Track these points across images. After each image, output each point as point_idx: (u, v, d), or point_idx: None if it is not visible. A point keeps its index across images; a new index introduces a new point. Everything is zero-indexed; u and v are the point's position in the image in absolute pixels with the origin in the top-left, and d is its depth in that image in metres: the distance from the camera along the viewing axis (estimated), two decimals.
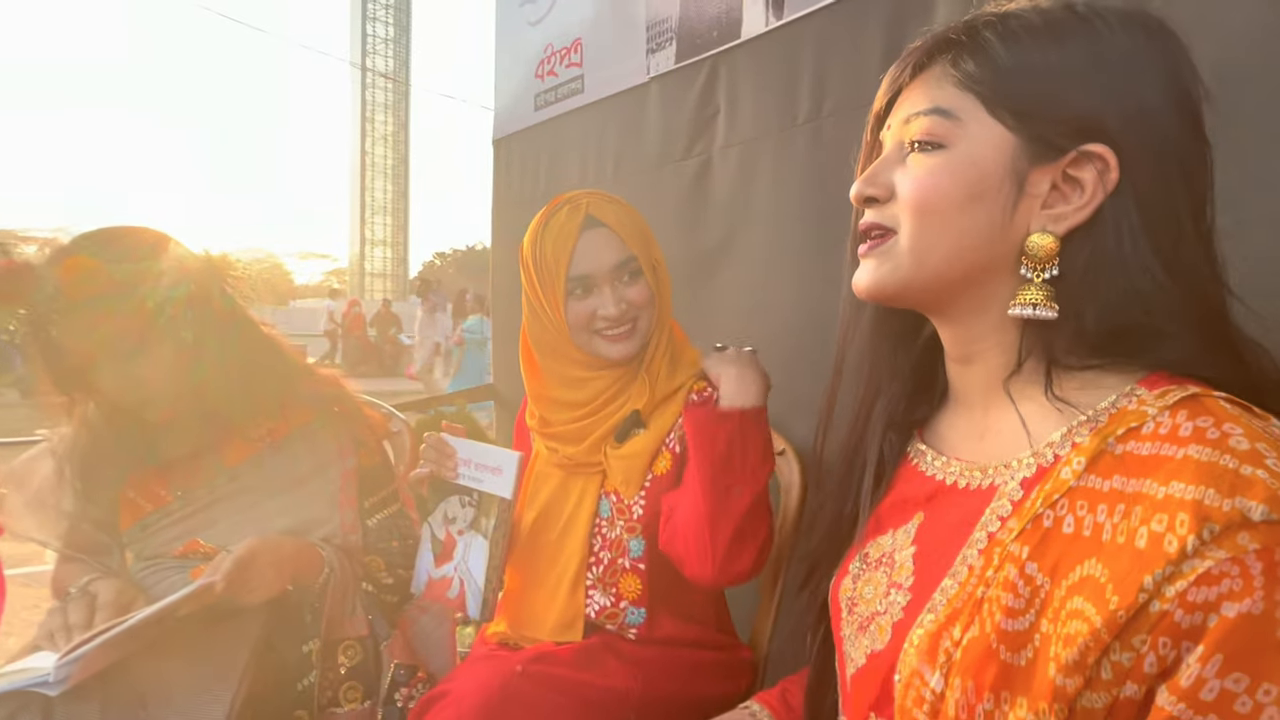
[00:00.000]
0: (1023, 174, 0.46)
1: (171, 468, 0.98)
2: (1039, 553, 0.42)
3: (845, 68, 1.20)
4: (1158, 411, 0.41)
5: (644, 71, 1.58)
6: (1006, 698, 0.41)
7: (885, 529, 0.58)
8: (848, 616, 0.58)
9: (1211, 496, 0.36)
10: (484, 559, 0.90)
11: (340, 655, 0.97)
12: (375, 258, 32.97)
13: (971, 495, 0.51)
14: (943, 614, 0.47)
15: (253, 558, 0.86)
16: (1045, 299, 0.45)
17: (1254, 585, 0.35)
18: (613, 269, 0.88)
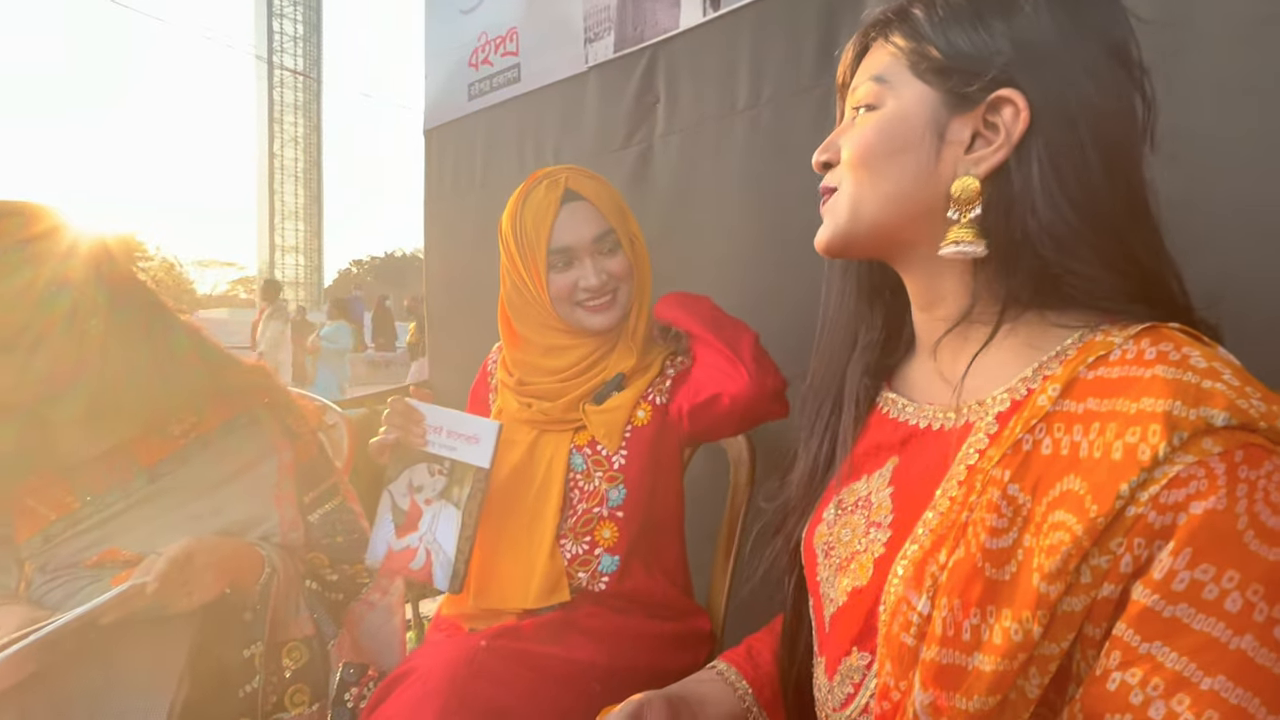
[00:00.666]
0: (943, 124, 0.50)
1: (78, 470, 0.89)
2: (1020, 474, 0.45)
3: (782, 56, 1.24)
4: (1123, 340, 0.45)
5: (582, 61, 1.58)
6: (992, 611, 0.43)
7: (859, 475, 0.60)
8: (824, 560, 0.59)
9: (1179, 408, 0.39)
10: (455, 529, 0.87)
11: (285, 658, 0.91)
12: (287, 265, 31.33)
13: (946, 435, 0.53)
14: (927, 542, 0.48)
15: (189, 558, 0.80)
16: (972, 236, 0.49)
17: (1218, 484, 0.38)
18: (592, 241, 0.91)
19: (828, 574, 0.58)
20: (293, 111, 28.11)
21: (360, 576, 1.04)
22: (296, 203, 29.55)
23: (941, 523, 0.48)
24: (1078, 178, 0.47)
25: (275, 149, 27.95)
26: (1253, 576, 0.37)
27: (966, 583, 0.44)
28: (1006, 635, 0.42)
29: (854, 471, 0.60)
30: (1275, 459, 0.39)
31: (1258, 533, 0.37)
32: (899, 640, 0.47)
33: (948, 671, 0.44)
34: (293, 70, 27.24)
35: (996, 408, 0.50)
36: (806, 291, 1.20)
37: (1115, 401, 0.42)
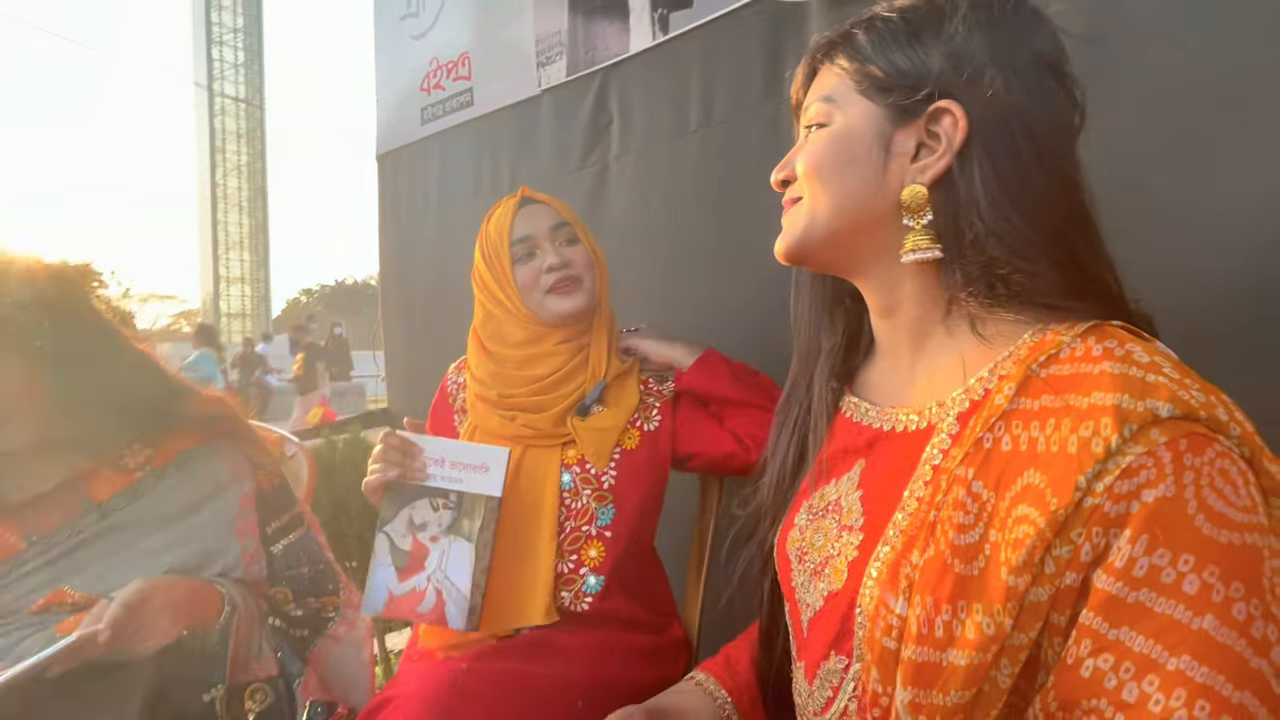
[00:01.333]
0: (888, 137, 0.53)
1: (23, 510, 0.85)
2: (983, 472, 0.46)
3: (731, 78, 1.28)
4: (1071, 339, 0.47)
5: (535, 84, 1.60)
6: (963, 606, 0.45)
7: (829, 479, 0.61)
8: (798, 566, 0.60)
9: (1127, 401, 0.41)
10: (469, 563, 0.84)
11: (248, 700, 0.88)
12: (232, 296, 30.36)
13: (910, 437, 0.55)
14: (899, 543, 0.50)
15: (143, 601, 0.77)
16: (928, 241, 0.52)
17: (1165, 472, 0.40)
18: (550, 229, 0.96)
19: (802, 579, 0.59)
20: (235, 140, 27.41)
21: (325, 610, 1.01)
22: (241, 232, 28.72)
23: (911, 523, 0.50)
24: (1018, 180, 0.49)
25: (218, 178, 27.18)
26: (1207, 559, 0.39)
27: (938, 580, 0.46)
28: (979, 629, 0.43)
29: (824, 476, 0.62)
30: (1216, 446, 0.41)
31: (1207, 516, 0.39)
32: (880, 645, 0.48)
33: (924, 669, 0.45)
34: (234, 98, 26.60)
35: (956, 408, 0.52)
36: (759, 304, 1.24)
37: (1068, 397, 0.44)
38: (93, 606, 0.79)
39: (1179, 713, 0.38)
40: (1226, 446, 0.41)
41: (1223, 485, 0.40)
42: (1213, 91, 0.80)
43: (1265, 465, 0.43)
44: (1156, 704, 0.39)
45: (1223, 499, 0.40)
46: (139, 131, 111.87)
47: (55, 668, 0.71)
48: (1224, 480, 0.40)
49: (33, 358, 0.79)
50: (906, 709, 0.46)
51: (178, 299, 47.44)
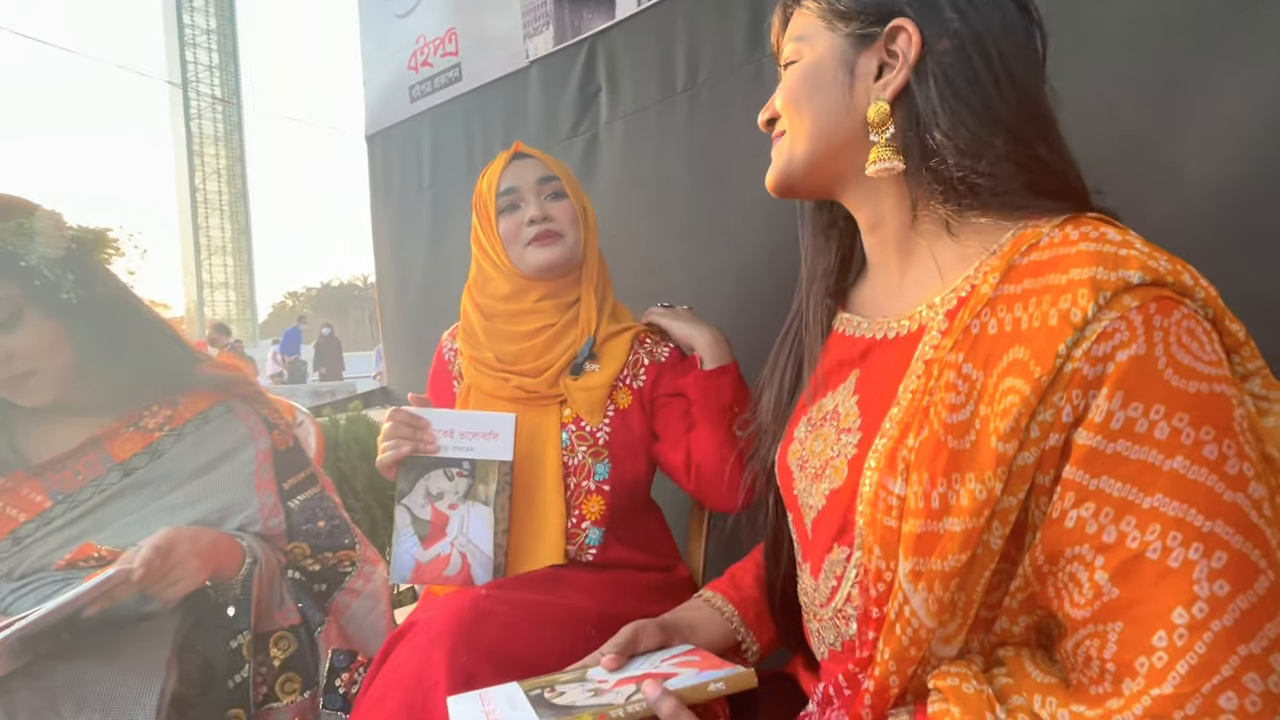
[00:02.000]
0: (851, 61, 0.57)
1: (48, 469, 0.88)
2: (971, 354, 0.50)
3: (715, 37, 1.30)
4: (1050, 229, 0.50)
5: (523, 56, 1.61)
6: (957, 478, 0.48)
7: (825, 392, 0.64)
8: (800, 474, 0.63)
9: (1101, 272, 0.44)
10: (489, 525, 0.87)
11: (273, 648, 0.90)
12: (216, 302, 30.06)
13: (902, 341, 0.58)
14: (895, 432, 0.53)
15: (171, 546, 0.79)
16: (890, 153, 0.55)
17: (1137, 333, 0.43)
18: (536, 182, 0.96)
19: (804, 485, 0.62)
20: (213, 143, 27.06)
21: (343, 565, 1.03)
22: (223, 236, 28.40)
23: (905, 413, 0.53)
24: (971, 88, 0.53)
25: (197, 182, 26.83)
26: (1177, 407, 0.42)
27: (933, 457, 0.49)
28: (972, 496, 0.47)
29: (820, 390, 0.65)
30: (1183, 308, 0.44)
31: (1175, 370, 0.42)
32: (882, 525, 0.51)
33: (924, 539, 0.49)
34: (211, 98, 26.22)
35: (945, 307, 0.55)
36: (748, 260, 1.28)
37: (1048, 277, 0.47)
38: (118, 559, 0.81)
39: (1153, 544, 0.41)
40: (1192, 308, 0.44)
41: (1190, 342, 0.43)
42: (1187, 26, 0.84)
43: (1227, 325, 0.46)
44: (1134, 540, 0.42)
45: (1190, 354, 0.43)
46: (114, 136, 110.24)
47: (90, 608, 0.73)
48: (1191, 338, 0.43)
49: (59, 312, 0.81)
50: (908, 577, 0.49)
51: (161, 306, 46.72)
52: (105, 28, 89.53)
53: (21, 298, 0.80)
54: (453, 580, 0.88)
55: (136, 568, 0.73)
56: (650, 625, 0.68)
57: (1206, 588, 0.40)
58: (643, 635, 0.67)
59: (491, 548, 0.88)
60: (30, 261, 0.79)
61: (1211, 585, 0.40)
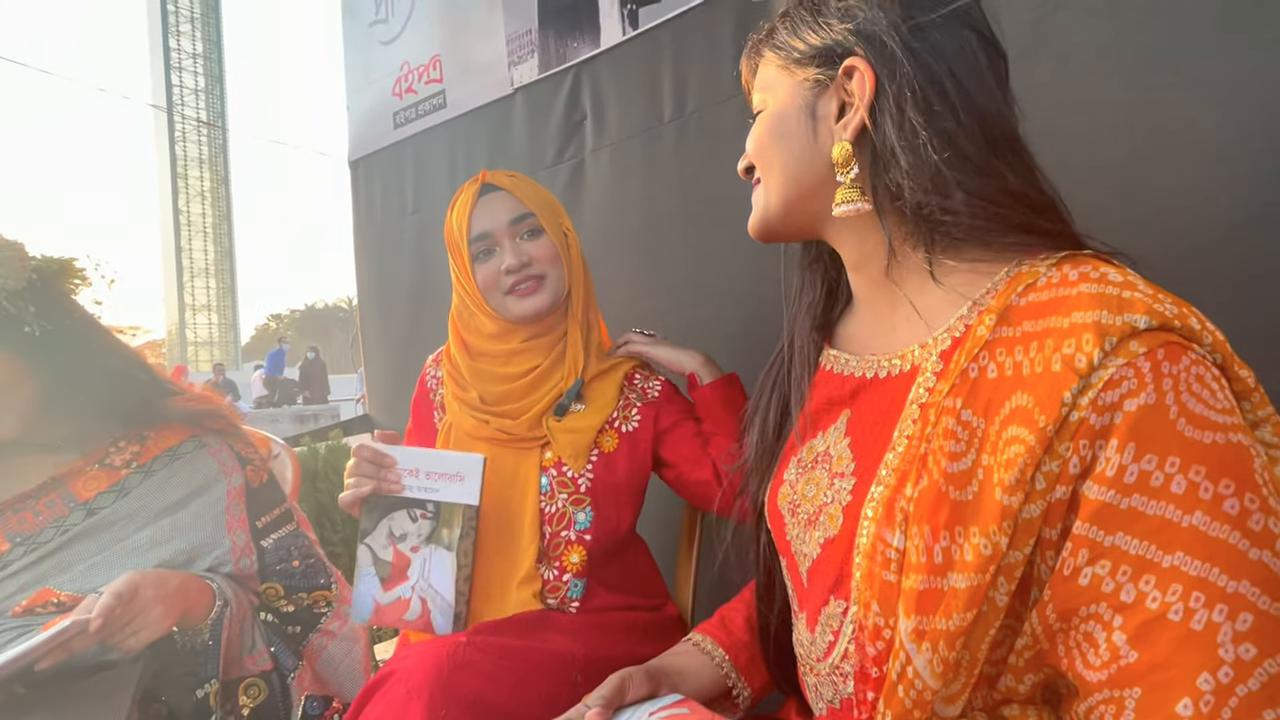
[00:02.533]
0: (811, 105, 0.57)
1: (6, 509, 0.84)
2: (971, 400, 0.48)
3: (702, 68, 1.31)
4: (1047, 269, 0.49)
5: (508, 83, 1.61)
6: (960, 531, 0.46)
7: (815, 433, 0.62)
8: (791, 519, 0.61)
9: (1106, 317, 0.43)
10: (451, 572, 0.83)
11: (242, 695, 0.86)
12: (199, 325, 29.70)
13: (895, 381, 0.56)
14: (892, 480, 0.51)
15: (135, 592, 0.75)
16: (856, 195, 0.54)
17: (1146, 381, 0.41)
18: (509, 224, 0.91)
19: (797, 531, 0.60)
20: (198, 165, 26.95)
21: (318, 606, 1.00)
22: (206, 259, 28.16)
23: (902, 460, 0.51)
24: (928, 123, 0.51)
25: (181, 205, 26.66)
26: (1192, 459, 0.40)
27: (933, 509, 0.46)
28: (976, 551, 0.44)
29: (810, 429, 0.63)
30: (1191, 353, 0.42)
31: (1189, 420, 0.41)
32: (880, 579, 0.49)
33: (927, 596, 0.46)
34: (196, 120, 26.18)
35: (939, 347, 0.53)
36: (735, 290, 1.27)
37: (1049, 320, 0.46)
38: (78, 606, 0.77)
39: (1175, 606, 0.39)
40: (1200, 354, 0.43)
41: (1200, 390, 0.41)
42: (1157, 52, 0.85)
43: (1236, 370, 0.45)
44: (1154, 601, 0.40)
45: (1202, 402, 0.41)
46: (96, 159, 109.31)
47: (44, 661, 0.69)
48: (1201, 385, 0.42)
49: (20, 346, 0.78)
50: (910, 637, 0.46)
51: (141, 329, 46.11)
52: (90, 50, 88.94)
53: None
54: (412, 625, 0.84)
55: (95, 618, 0.70)
56: (638, 673, 0.66)
57: (1232, 651, 0.38)
58: (630, 684, 0.64)
59: (453, 595, 0.83)
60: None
61: (1237, 649, 0.38)
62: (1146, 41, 0.85)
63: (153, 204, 28.00)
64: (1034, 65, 0.90)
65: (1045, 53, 0.92)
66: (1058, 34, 0.92)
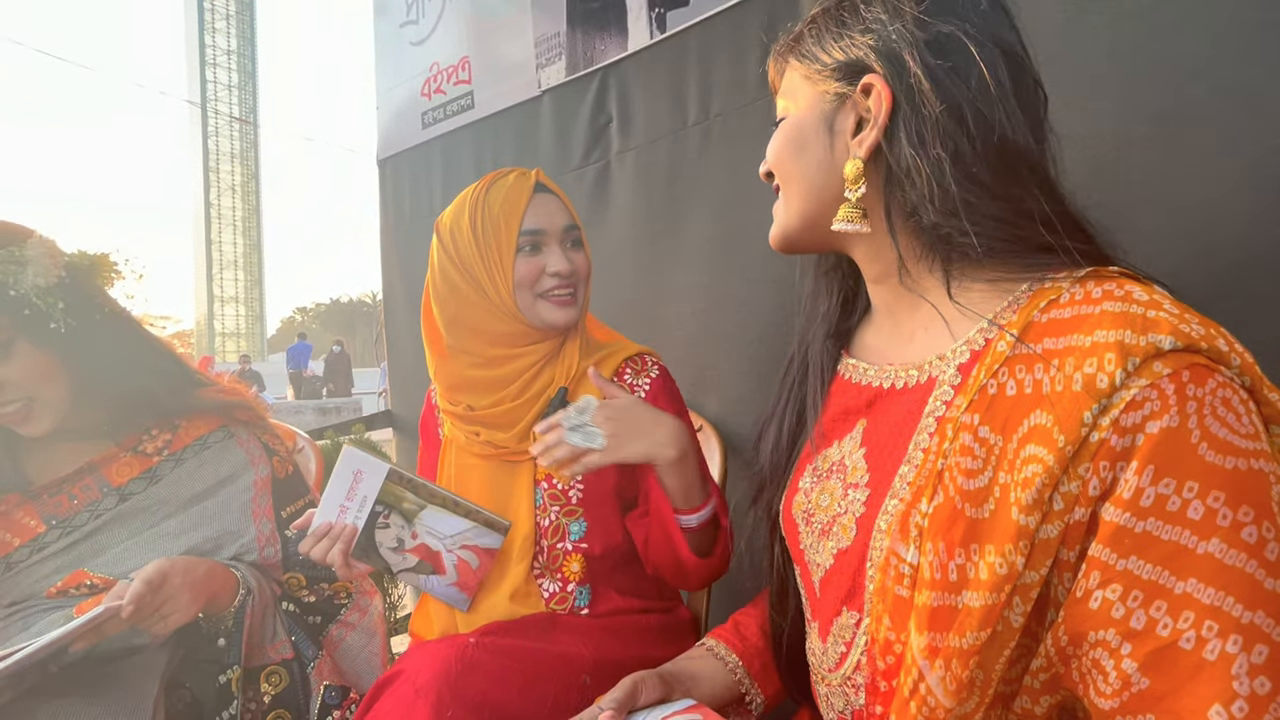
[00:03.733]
0: (829, 119, 0.56)
1: (44, 494, 0.87)
2: (989, 416, 0.47)
3: (728, 72, 1.31)
4: (1070, 285, 0.48)
5: (535, 85, 1.63)
6: (976, 549, 0.45)
7: (830, 442, 0.62)
8: (806, 528, 0.61)
9: (1130, 336, 0.42)
10: (447, 515, 0.84)
11: (264, 683, 0.88)
12: (226, 316, 30.25)
13: (912, 392, 0.55)
14: (907, 494, 0.50)
15: (164, 579, 0.77)
16: (857, 215, 0.54)
17: (1169, 403, 0.40)
18: (563, 229, 0.90)
19: (811, 540, 0.60)
20: (229, 160, 27.48)
21: (338, 598, 1.01)
22: (235, 252, 28.69)
23: (918, 474, 0.50)
24: (943, 144, 0.50)
25: (212, 198, 27.20)
26: (1212, 485, 0.39)
27: (948, 526, 0.46)
28: (992, 570, 0.44)
29: (825, 440, 0.62)
30: (1218, 376, 0.41)
31: (1210, 444, 0.40)
32: (893, 593, 0.49)
33: (940, 613, 0.46)
34: (229, 116, 26.70)
35: (957, 360, 0.52)
36: (759, 294, 1.27)
37: (1070, 338, 0.45)
38: (111, 588, 0.80)
39: (1187, 634, 0.39)
40: (1228, 376, 0.42)
41: (1225, 414, 0.41)
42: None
43: (1266, 394, 0.43)
44: (1165, 628, 0.39)
45: (1226, 427, 0.40)
46: (132, 152, 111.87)
47: (77, 645, 0.72)
48: (1226, 409, 0.41)
49: (51, 341, 0.81)
50: (923, 654, 0.46)
51: (172, 319, 47.09)
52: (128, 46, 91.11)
53: (11, 327, 0.79)
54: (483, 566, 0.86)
55: (126, 604, 0.72)
56: (650, 677, 0.66)
57: (1247, 685, 0.37)
58: (642, 688, 0.64)
59: (468, 524, 0.84)
60: (20, 290, 0.78)
61: (1252, 682, 0.37)
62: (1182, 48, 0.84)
63: (185, 198, 28.63)
64: (1061, 71, 0.88)
65: (1074, 58, 0.91)
66: (1087, 38, 0.90)
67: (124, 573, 0.83)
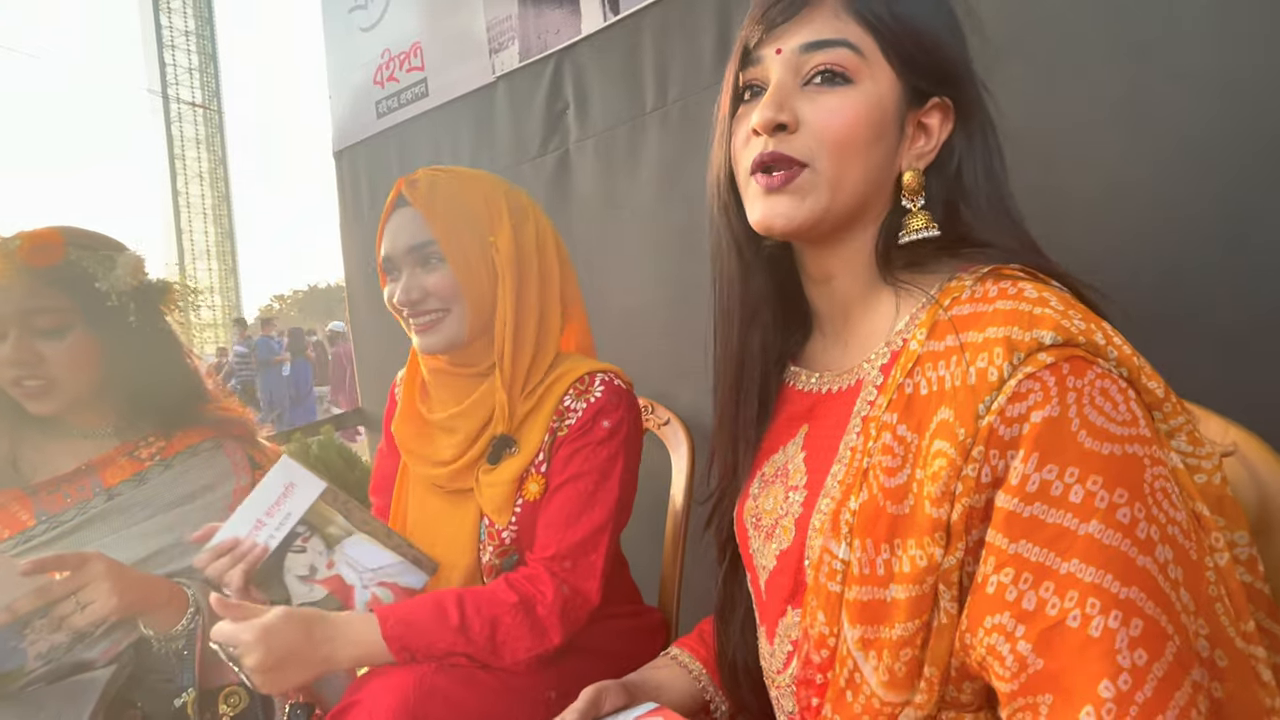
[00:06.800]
0: (903, 117, 0.53)
1: (39, 490, 0.89)
2: (906, 415, 0.48)
3: (684, 56, 1.28)
4: (973, 282, 0.50)
5: (489, 71, 1.58)
6: (899, 544, 0.47)
7: (777, 448, 0.62)
8: (754, 533, 0.61)
9: (1016, 332, 0.44)
10: (372, 545, 0.80)
11: (222, 704, 0.87)
12: (202, 308, 29.62)
13: (844, 395, 0.56)
14: (838, 493, 0.51)
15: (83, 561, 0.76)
16: (927, 222, 0.53)
17: (1050, 394, 0.42)
18: (407, 251, 0.81)
19: (758, 544, 0.60)
20: (195, 146, 26.72)
21: None
22: (207, 241, 28.06)
23: (846, 472, 0.52)
24: (985, 169, 0.53)
25: (180, 186, 26.49)
26: (1090, 470, 0.41)
27: (873, 522, 0.48)
28: (913, 563, 0.46)
29: (772, 446, 0.63)
30: (1096, 368, 0.43)
31: (1089, 432, 0.42)
32: (825, 589, 0.50)
33: (870, 607, 0.48)
34: (190, 103, 25.91)
35: (880, 361, 0.54)
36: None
37: (968, 334, 0.47)
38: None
39: (1073, 612, 0.40)
40: (1106, 368, 0.44)
41: (1103, 403, 0.42)
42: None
43: (1145, 383, 0.45)
44: (1053, 608, 0.41)
45: (1103, 415, 0.42)
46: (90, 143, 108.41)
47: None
48: (1104, 398, 0.43)
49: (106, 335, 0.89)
50: (857, 645, 0.48)
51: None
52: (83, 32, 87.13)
53: (77, 313, 0.87)
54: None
55: (26, 563, 0.73)
56: (613, 686, 0.66)
57: (1128, 658, 0.39)
58: (605, 697, 0.65)
59: (395, 557, 0.80)
60: (105, 286, 0.87)
61: (1132, 655, 0.39)
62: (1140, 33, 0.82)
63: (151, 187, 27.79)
64: (1018, 56, 0.87)
65: (1031, 43, 0.89)
66: (1048, 22, 0.88)
67: None
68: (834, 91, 0.51)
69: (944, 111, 0.53)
